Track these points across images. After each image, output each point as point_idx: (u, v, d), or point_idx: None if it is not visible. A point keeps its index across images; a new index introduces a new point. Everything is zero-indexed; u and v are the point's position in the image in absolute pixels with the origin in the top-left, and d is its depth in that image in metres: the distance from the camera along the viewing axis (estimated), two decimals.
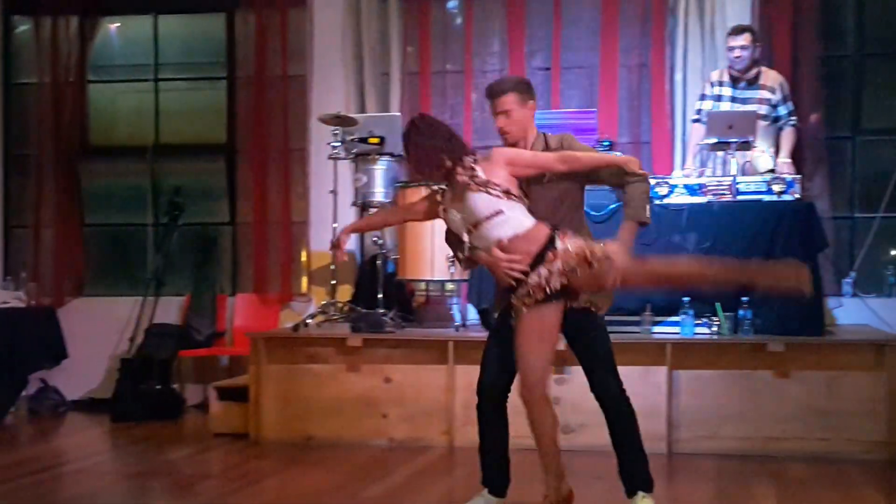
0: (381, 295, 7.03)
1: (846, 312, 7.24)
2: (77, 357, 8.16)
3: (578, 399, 4.28)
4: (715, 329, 6.24)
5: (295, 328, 6.75)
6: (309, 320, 6.99)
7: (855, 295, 7.33)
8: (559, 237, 4.08)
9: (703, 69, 7.43)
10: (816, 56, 7.46)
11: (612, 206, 6.23)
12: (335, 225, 7.19)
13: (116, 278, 8.91)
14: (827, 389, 5.97)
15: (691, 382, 6.10)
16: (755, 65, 6.96)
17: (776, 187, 6.33)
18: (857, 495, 5.10)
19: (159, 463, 6.18)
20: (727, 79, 7.01)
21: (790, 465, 5.75)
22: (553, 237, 4.08)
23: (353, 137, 7.18)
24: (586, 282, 4.08)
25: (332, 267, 7.26)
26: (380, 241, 7.27)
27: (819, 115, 7.44)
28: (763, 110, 6.89)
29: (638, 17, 7.70)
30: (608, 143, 6.62)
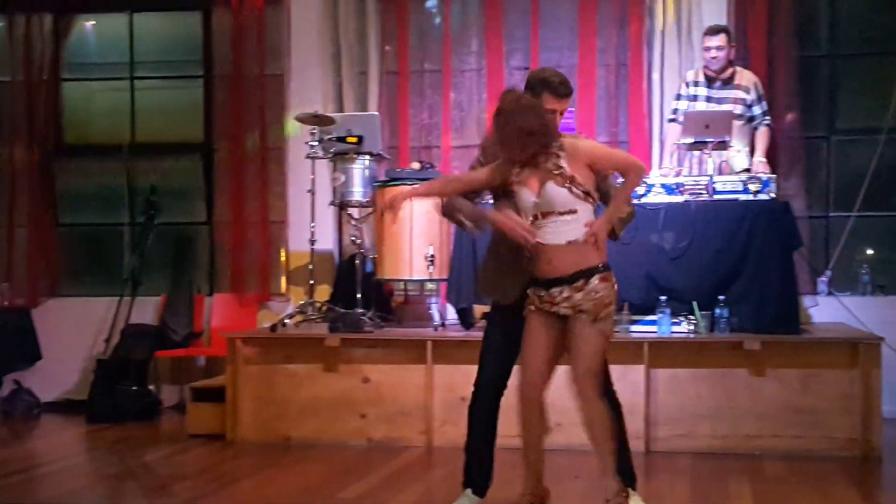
0: (359, 295, 7.03)
1: (821, 311, 7.28)
2: (52, 358, 8.13)
3: (554, 398, 4.27)
4: (692, 328, 6.26)
5: (272, 328, 6.74)
6: (287, 320, 6.97)
7: (830, 293, 7.37)
8: (607, 272, 4.11)
9: (681, 69, 7.46)
10: (792, 56, 7.51)
11: None
12: (313, 225, 7.18)
13: (92, 278, 8.85)
14: (802, 387, 6.01)
15: (668, 381, 6.12)
16: (730, 65, 7.00)
17: (752, 187, 6.36)
18: (832, 492, 5.13)
19: (135, 464, 6.15)
20: (702, 79, 7.04)
21: (766, 463, 5.78)
22: (606, 265, 4.11)
23: (330, 136, 7.17)
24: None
25: (310, 267, 7.24)
26: (358, 241, 7.26)
27: (795, 115, 7.49)
28: (738, 110, 6.92)
29: (616, 16, 7.72)
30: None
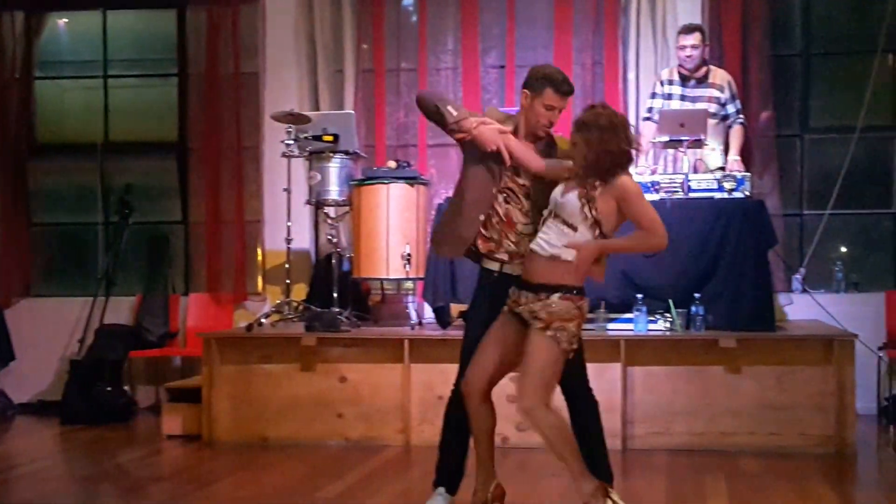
0: (335, 294, 7.02)
1: (796, 308, 7.34)
2: (25, 359, 8.08)
3: None
4: (668, 325, 6.29)
5: (248, 328, 6.71)
6: (263, 320, 6.95)
7: (804, 291, 7.42)
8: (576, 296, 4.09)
9: (656, 68, 7.50)
10: (765, 55, 7.56)
11: None
12: (289, 224, 7.16)
13: (65, 278, 8.80)
14: (777, 384, 6.05)
15: (645, 379, 6.15)
16: (704, 64, 7.04)
17: (727, 185, 6.40)
18: (806, 488, 5.16)
19: (110, 466, 6.11)
20: (677, 77, 7.07)
21: (742, 460, 5.81)
22: (580, 290, 4.09)
23: (306, 135, 7.15)
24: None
25: (287, 266, 7.22)
26: (334, 240, 7.25)
27: (769, 114, 7.54)
28: (712, 108, 6.95)
29: (591, 15, 7.74)
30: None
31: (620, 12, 7.68)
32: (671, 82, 7.08)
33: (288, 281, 7.23)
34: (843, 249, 7.93)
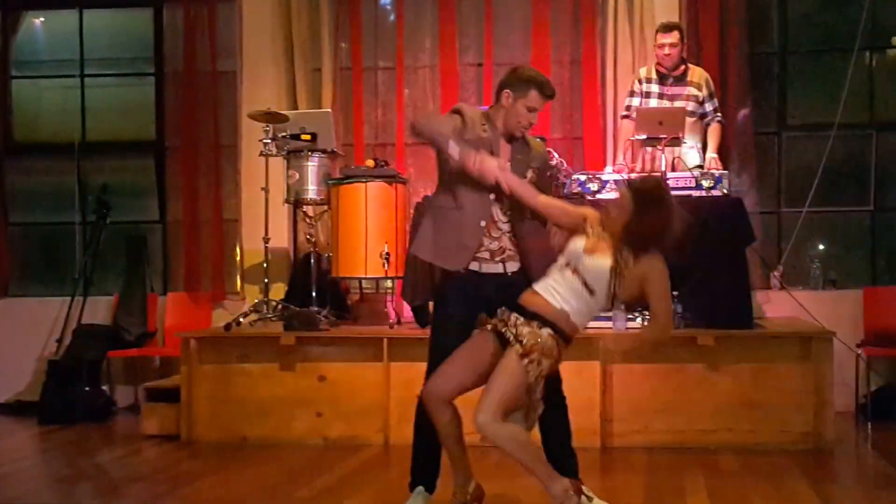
0: (314, 293, 7.00)
1: (774, 306, 7.37)
2: (2, 359, 8.04)
3: None
4: (646, 323, 6.28)
5: (227, 327, 6.69)
6: (242, 319, 6.93)
7: (782, 288, 7.45)
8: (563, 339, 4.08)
9: (634, 66, 7.52)
10: (743, 53, 7.59)
11: None
12: (267, 223, 7.14)
13: (43, 278, 8.75)
14: (756, 381, 6.07)
15: (623, 377, 6.16)
16: (682, 62, 7.06)
17: (705, 183, 6.41)
18: (785, 485, 5.18)
19: (88, 466, 6.09)
20: (655, 76, 7.09)
21: (721, 457, 5.83)
22: (568, 337, 4.09)
23: (284, 134, 7.13)
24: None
25: (265, 265, 7.20)
26: (312, 239, 7.23)
27: (746, 112, 7.57)
28: (690, 107, 6.97)
29: (569, 14, 7.75)
30: (541, 139, 6.62)
31: (598, 11, 7.70)
32: (649, 80, 7.09)
33: (266, 280, 7.20)
34: (821, 247, 7.96)
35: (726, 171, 6.61)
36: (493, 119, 4.45)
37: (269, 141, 7.08)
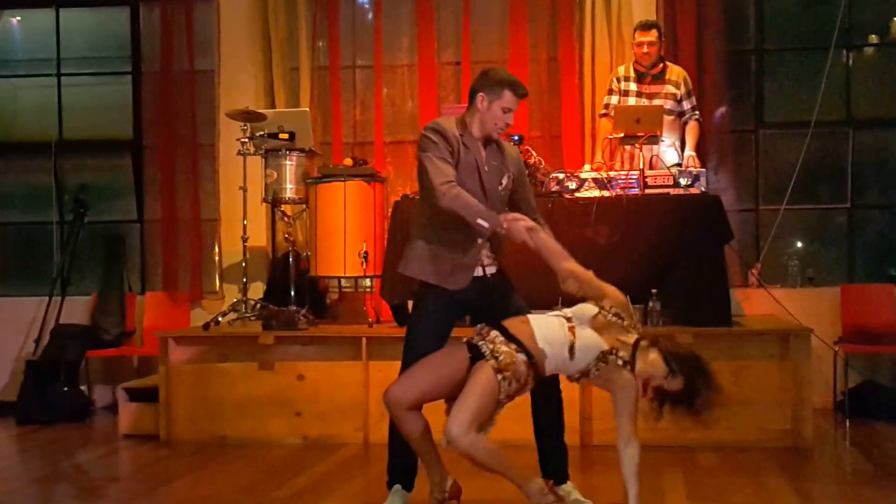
0: (293, 292, 6.99)
1: (752, 303, 7.40)
2: None
3: None
4: None
5: (205, 327, 6.67)
6: (220, 318, 6.90)
7: (760, 286, 7.47)
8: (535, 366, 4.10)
9: (612, 64, 7.53)
10: (720, 51, 7.61)
11: None
12: (245, 222, 7.12)
13: (20, 278, 8.70)
14: (734, 379, 6.06)
15: None
16: (661, 60, 7.07)
17: (683, 181, 6.42)
18: (764, 482, 5.21)
19: (66, 466, 6.06)
20: (633, 74, 7.10)
21: (699, 454, 5.85)
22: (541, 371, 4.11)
23: (262, 133, 7.11)
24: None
25: (244, 264, 7.18)
26: (291, 238, 7.22)
27: (724, 110, 7.59)
28: (669, 105, 6.99)
29: (546, 12, 7.76)
30: (519, 138, 6.64)
31: (576, 9, 7.70)
32: (628, 79, 7.11)
33: (245, 279, 7.18)
34: (799, 244, 8.00)
35: (704, 169, 6.62)
36: (468, 125, 4.45)
37: (246, 140, 7.07)
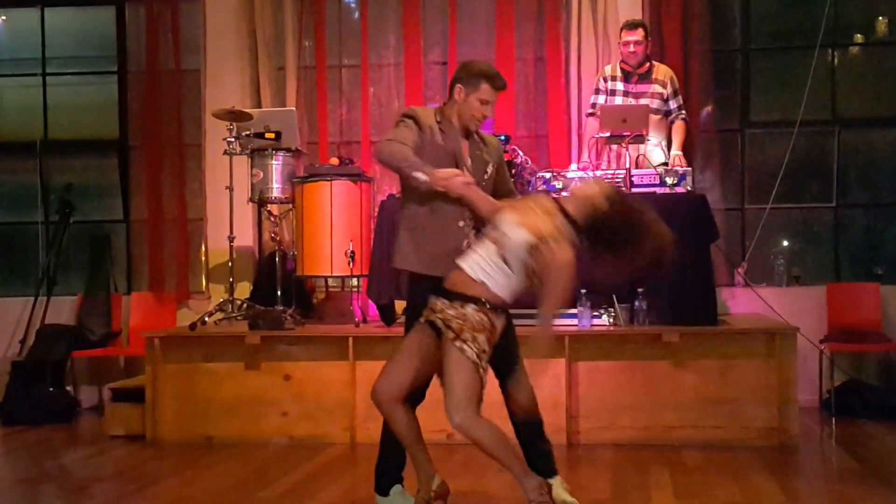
0: (279, 292, 6.98)
1: (738, 302, 7.42)
2: None
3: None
4: (611, 320, 6.31)
5: (192, 327, 6.66)
6: (206, 318, 6.89)
7: (746, 285, 7.50)
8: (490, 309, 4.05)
9: (598, 63, 7.54)
10: (706, 50, 7.63)
11: None
12: (232, 222, 7.12)
13: (5, 278, 8.67)
14: (720, 378, 6.10)
15: (589, 374, 6.17)
16: (647, 59, 7.08)
17: (669, 180, 6.44)
18: (750, 480, 5.22)
19: (52, 467, 6.02)
20: (620, 73, 7.11)
21: (686, 453, 5.86)
22: (497, 306, 4.06)
23: (248, 132, 7.10)
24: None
25: (230, 264, 7.17)
26: (277, 238, 7.21)
27: (710, 109, 7.61)
28: (655, 104, 7.00)
29: (532, 11, 7.76)
30: (505, 138, 6.65)
31: (562, 8, 7.72)
32: (614, 78, 7.12)
33: (231, 279, 7.18)
34: (785, 243, 8.02)
35: (690, 169, 6.64)
36: (447, 115, 4.47)
37: (233, 140, 7.05)
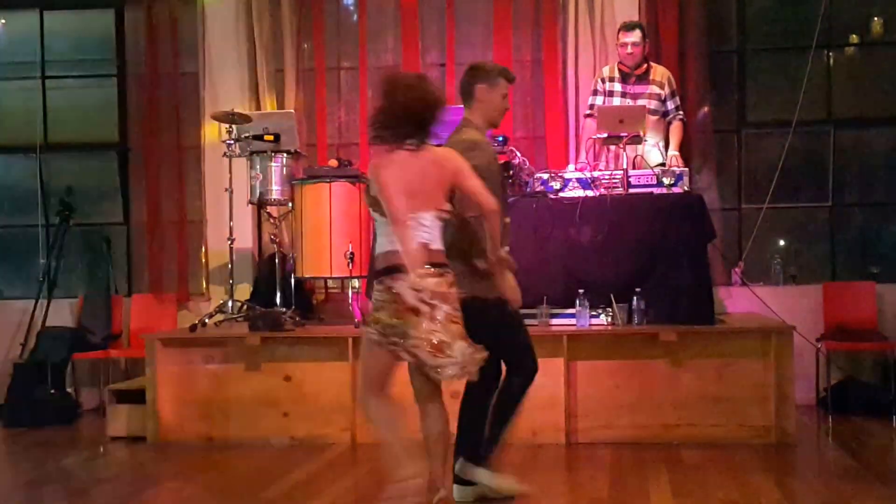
0: (279, 293, 7.00)
1: (735, 301, 7.46)
2: None
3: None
4: (609, 320, 6.34)
5: (192, 328, 6.68)
6: (207, 320, 6.91)
7: (743, 284, 7.53)
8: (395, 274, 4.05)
9: (595, 65, 7.57)
10: (702, 51, 7.66)
11: None
12: (231, 224, 7.14)
13: (6, 281, 8.71)
14: (718, 376, 6.12)
15: (587, 373, 6.19)
16: (644, 61, 7.11)
17: (666, 180, 6.47)
18: (748, 479, 5.24)
19: (53, 469, 6.04)
20: (618, 74, 7.13)
21: (683, 452, 5.89)
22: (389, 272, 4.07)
23: (247, 135, 7.12)
24: None
25: (230, 266, 7.20)
26: (276, 239, 7.23)
27: (706, 109, 7.64)
28: (652, 105, 7.02)
29: (530, 13, 7.79)
30: (503, 139, 6.67)
31: (559, 10, 7.75)
32: (612, 79, 7.14)
33: (231, 281, 7.20)
34: (781, 243, 8.06)
35: (687, 169, 6.67)
36: (473, 122, 4.73)
37: (232, 142, 7.08)
